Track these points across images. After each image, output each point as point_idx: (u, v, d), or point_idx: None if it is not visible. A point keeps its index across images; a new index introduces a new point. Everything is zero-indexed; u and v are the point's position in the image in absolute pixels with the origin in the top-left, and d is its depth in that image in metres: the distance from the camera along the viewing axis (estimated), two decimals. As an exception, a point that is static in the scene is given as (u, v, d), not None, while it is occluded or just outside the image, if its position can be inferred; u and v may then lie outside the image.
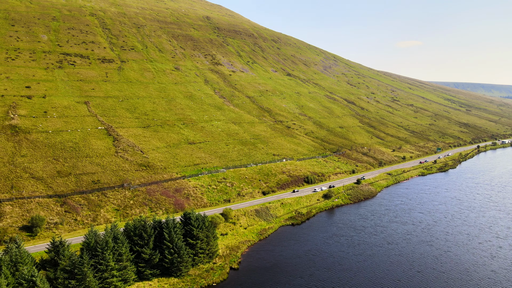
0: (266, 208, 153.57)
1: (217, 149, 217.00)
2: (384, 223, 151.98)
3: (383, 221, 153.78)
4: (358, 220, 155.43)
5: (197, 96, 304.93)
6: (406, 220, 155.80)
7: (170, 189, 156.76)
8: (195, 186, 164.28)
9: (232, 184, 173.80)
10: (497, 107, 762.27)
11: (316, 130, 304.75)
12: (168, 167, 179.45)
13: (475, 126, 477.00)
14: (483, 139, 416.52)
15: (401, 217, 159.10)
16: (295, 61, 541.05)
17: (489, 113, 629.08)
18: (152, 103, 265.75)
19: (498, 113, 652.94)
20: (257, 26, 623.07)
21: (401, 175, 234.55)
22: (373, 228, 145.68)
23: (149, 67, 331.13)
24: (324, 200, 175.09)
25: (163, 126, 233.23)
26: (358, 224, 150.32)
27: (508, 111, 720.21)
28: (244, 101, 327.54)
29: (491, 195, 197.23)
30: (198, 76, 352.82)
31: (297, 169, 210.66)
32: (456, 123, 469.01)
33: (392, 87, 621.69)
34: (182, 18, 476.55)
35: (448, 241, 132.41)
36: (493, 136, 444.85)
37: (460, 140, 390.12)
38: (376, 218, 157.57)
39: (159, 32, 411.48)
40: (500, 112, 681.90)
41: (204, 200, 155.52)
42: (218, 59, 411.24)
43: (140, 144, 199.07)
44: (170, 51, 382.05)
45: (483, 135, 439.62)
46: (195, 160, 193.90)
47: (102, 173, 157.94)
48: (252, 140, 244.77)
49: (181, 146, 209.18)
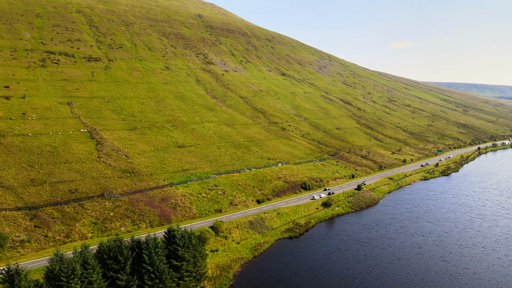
0: (261, 219, 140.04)
1: (208, 153, 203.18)
2: (391, 234, 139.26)
3: (390, 232, 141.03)
4: (362, 231, 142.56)
5: (188, 96, 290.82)
6: (415, 230, 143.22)
7: (156, 198, 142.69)
8: (184, 194, 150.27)
9: (224, 192, 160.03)
10: (493, 107, 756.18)
11: (313, 132, 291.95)
12: (155, 173, 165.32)
13: (473, 127, 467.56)
14: (483, 140, 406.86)
15: (408, 227, 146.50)
16: (290, 60, 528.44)
17: (486, 114, 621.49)
18: (140, 104, 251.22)
19: (494, 114, 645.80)
20: (251, 25, 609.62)
21: (403, 180, 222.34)
22: (379, 240, 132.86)
23: (138, 66, 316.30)
24: (324, 209, 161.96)
25: (151, 128, 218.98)
26: (363, 235, 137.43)
27: (504, 111, 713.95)
28: (237, 101, 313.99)
29: (501, 201, 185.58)
30: (189, 75, 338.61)
31: (294, 174, 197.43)
32: (455, 124, 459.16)
33: (388, 87, 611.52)
34: (173, 16, 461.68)
35: (464, 255, 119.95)
36: (492, 137, 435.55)
37: (460, 141, 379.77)
38: (382, 229, 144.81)
39: (149, 30, 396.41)
40: (497, 112, 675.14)
41: (193, 211, 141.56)
42: (210, 58, 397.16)
43: (126, 148, 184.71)
44: (161, 50, 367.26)
45: (482, 136, 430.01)
46: (184, 165, 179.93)
47: (81, 181, 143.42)
48: (246, 143, 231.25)
49: (169, 150, 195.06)
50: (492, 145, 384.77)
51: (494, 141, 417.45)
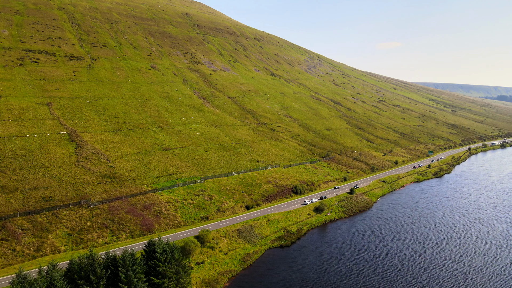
0: (250, 226, 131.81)
1: (195, 155, 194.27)
2: (387, 241, 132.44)
3: (386, 239, 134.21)
4: (356, 238, 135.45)
5: (174, 96, 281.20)
6: (411, 236, 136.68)
7: (138, 205, 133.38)
8: (168, 201, 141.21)
9: (211, 198, 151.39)
10: (480, 107, 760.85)
11: (303, 133, 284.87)
12: (138, 178, 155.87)
13: (463, 127, 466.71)
14: (472, 141, 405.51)
15: (405, 233, 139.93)
16: (279, 60, 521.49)
17: (474, 114, 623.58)
18: (124, 105, 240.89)
19: (482, 114, 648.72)
20: (239, 24, 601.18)
21: (396, 182, 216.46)
22: (375, 248, 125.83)
23: (122, 65, 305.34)
24: (316, 214, 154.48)
25: (135, 130, 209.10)
26: (358, 243, 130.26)
27: (491, 112, 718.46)
28: (226, 102, 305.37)
29: (497, 204, 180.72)
30: (176, 75, 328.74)
31: (284, 177, 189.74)
32: (444, 124, 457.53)
33: (378, 88, 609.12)
34: (159, 14, 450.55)
35: (465, 264, 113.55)
36: (482, 138, 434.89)
37: (450, 142, 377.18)
38: (377, 235, 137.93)
39: (134, 28, 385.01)
40: (484, 112, 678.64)
41: (178, 218, 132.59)
42: (198, 58, 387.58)
43: (107, 151, 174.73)
44: (146, 49, 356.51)
45: (472, 136, 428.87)
46: (170, 169, 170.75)
47: (56, 188, 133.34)
48: (234, 144, 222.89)
49: (154, 153, 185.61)
50: (482, 145, 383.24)
51: (484, 142, 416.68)
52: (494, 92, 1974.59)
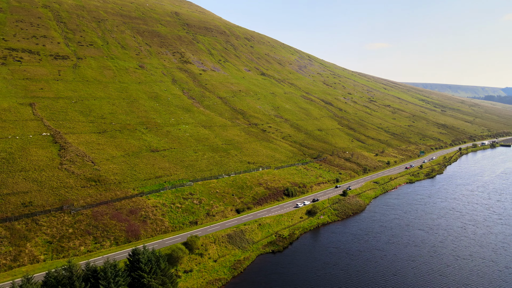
0: (241, 231, 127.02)
1: (184, 157, 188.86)
2: (382, 245, 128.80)
3: (381, 243, 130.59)
4: (350, 242, 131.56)
5: (163, 96, 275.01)
6: (406, 240, 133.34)
7: (124, 210, 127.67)
8: (155, 205, 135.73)
9: (200, 201, 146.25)
10: (469, 107, 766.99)
11: (294, 134, 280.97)
12: (124, 181, 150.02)
13: (453, 127, 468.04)
14: (463, 141, 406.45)
15: (399, 237, 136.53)
16: (269, 60, 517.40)
17: (463, 114, 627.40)
18: (111, 105, 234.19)
19: (471, 114, 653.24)
20: (229, 24, 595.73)
21: (389, 183, 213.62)
22: (370, 252, 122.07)
23: (109, 64, 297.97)
24: (308, 218, 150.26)
25: (122, 131, 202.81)
26: (352, 247, 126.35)
27: (480, 112, 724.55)
28: (216, 102, 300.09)
29: (490, 205, 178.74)
30: (165, 75, 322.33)
31: (276, 179, 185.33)
32: (434, 124, 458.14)
33: (368, 88, 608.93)
34: (148, 13, 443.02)
35: (462, 268, 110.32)
36: (472, 137, 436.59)
37: (441, 142, 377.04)
38: (372, 239, 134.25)
39: (122, 27, 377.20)
40: (473, 112, 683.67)
41: (165, 224, 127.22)
42: (187, 57, 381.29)
43: (92, 153, 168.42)
44: (134, 48, 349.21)
45: (462, 136, 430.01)
46: (157, 172, 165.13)
47: (37, 192, 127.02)
48: (224, 146, 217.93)
49: (141, 155, 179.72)
50: (472, 145, 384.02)
51: (474, 141, 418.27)
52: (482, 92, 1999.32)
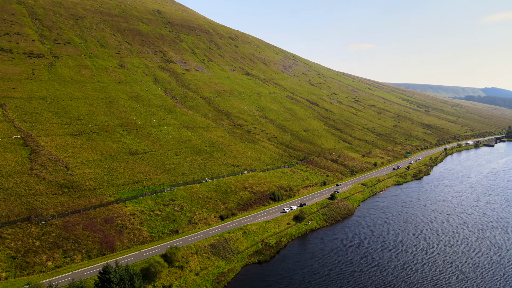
0: (225, 240, 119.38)
1: (165, 160, 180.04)
2: (374, 251, 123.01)
3: (372, 249, 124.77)
4: (341, 249, 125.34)
5: (144, 97, 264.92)
6: (398, 246, 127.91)
7: (98, 219, 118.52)
8: (133, 213, 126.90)
9: (181, 208, 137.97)
10: (451, 107, 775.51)
11: (280, 135, 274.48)
12: (100, 187, 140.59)
13: (437, 127, 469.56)
14: (447, 141, 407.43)
15: (391, 242, 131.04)
16: (254, 59, 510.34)
17: (446, 114, 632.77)
18: (88, 106, 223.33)
19: (454, 114, 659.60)
20: (213, 23, 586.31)
21: (377, 186, 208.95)
22: (362, 260, 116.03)
23: (88, 63, 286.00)
24: (296, 224, 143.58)
25: (100, 133, 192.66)
26: (343, 255, 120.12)
27: (462, 112, 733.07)
28: (199, 102, 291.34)
29: (480, 207, 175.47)
30: (146, 74, 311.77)
31: (261, 183, 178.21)
32: (419, 124, 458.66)
33: (353, 88, 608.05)
34: (129, 11, 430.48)
35: (458, 277, 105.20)
36: (456, 137, 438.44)
37: (426, 142, 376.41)
38: (362, 245, 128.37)
39: (101, 25, 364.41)
40: (456, 112, 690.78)
41: (144, 233, 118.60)
42: (170, 56, 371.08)
43: (67, 157, 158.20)
44: (115, 47, 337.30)
45: (446, 136, 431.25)
46: (137, 177, 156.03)
47: (2, 201, 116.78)
48: (208, 148, 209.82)
49: (120, 158, 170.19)
50: (457, 145, 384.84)
51: (458, 141, 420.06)
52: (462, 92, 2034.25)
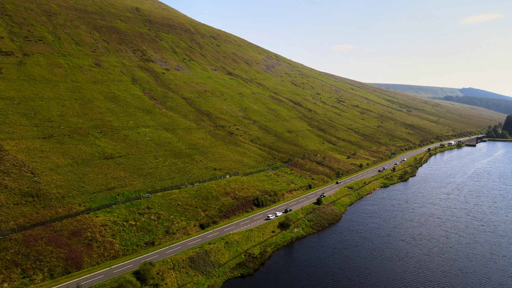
0: (205, 252, 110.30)
1: (142, 164, 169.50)
2: (365, 260, 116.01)
3: (363, 258, 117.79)
4: (329, 258, 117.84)
5: (121, 97, 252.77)
6: (390, 253, 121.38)
7: (65, 232, 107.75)
8: (105, 223, 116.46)
9: (158, 217, 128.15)
10: (432, 107, 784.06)
11: (263, 136, 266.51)
12: (69, 195, 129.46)
13: (419, 127, 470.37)
14: (430, 141, 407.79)
15: (382, 250, 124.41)
16: (236, 59, 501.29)
17: (428, 114, 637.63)
18: (60, 106, 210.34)
19: (435, 114, 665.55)
20: (194, 22, 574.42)
21: (363, 188, 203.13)
22: (353, 270, 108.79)
23: (61, 62, 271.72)
24: (281, 231, 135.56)
25: (72, 136, 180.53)
26: (332, 265, 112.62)
27: (442, 112, 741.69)
28: (179, 103, 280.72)
29: (469, 210, 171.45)
30: (124, 74, 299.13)
31: (244, 187, 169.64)
32: (402, 125, 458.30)
33: (336, 88, 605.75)
34: (106, 8, 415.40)
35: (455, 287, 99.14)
36: (438, 137, 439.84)
37: (410, 142, 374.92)
38: (352, 253, 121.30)
39: (76, 22, 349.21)
40: (436, 112, 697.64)
41: (116, 247, 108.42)
42: (149, 55, 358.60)
43: (33, 162, 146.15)
44: (90, 45, 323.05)
45: (429, 136, 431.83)
46: (110, 183, 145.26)
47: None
48: (188, 150, 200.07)
49: (93, 163, 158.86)
50: (440, 145, 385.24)
51: (441, 141, 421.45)
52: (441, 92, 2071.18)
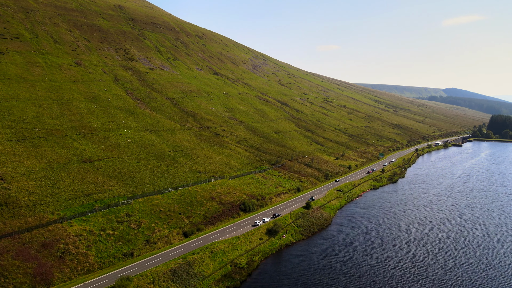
0: (188, 263, 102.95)
1: (123, 168, 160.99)
2: (358, 268, 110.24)
3: (356, 265, 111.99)
4: (320, 267, 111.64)
5: (102, 97, 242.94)
6: (383, 260, 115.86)
7: (34, 244, 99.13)
8: (79, 233, 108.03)
9: (139, 225, 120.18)
10: (418, 107, 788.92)
11: (250, 137, 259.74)
12: (41, 202, 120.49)
13: (406, 128, 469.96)
14: (417, 141, 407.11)
15: (375, 256, 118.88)
16: (223, 59, 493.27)
17: (414, 114, 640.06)
18: (37, 107, 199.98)
19: (421, 114, 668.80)
20: (179, 20, 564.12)
21: (353, 191, 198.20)
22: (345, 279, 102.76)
23: (39, 61, 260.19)
24: (269, 238, 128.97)
25: (48, 138, 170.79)
26: (323, 274, 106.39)
27: (428, 112, 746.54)
28: (164, 103, 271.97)
29: (461, 212, 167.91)
30: (106, 73, 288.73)
31: (230, 191, 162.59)
32: (389, 125, 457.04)
33: (323, 88, 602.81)
34: (87, 5, 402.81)
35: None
36: (425, 137, 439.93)
37: (397, 143, 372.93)
38: (344, 261, 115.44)
39: (56, 19, 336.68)
40: (422, 112, 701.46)
41: (90, 259, 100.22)
42: (132, 54, 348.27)
43: (4, 166, 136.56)
44: (70, 43, 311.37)
45: (416, 136, 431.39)
46: (88, 188, 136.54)
47: None
48: (172, 153, 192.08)
49: (69, 167, 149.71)
50: (427, 145, 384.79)
51: (428, 142, 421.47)
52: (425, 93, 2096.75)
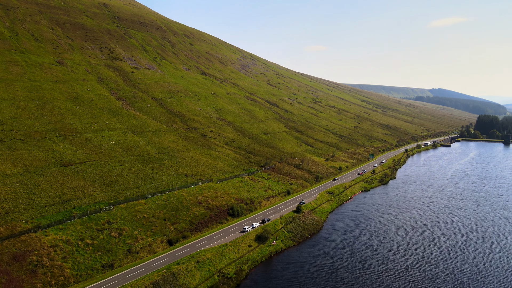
0: (173, 275, 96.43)
1: (106, 172, 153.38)
2: (352, 276, 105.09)
3: (350, 273, 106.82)
4: (313, 275, 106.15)
5: (85, 97, 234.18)
6: (377, 267, 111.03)
7: (4, 256, 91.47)
8: (55, 244, 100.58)
9: (120, 233, 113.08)
10: (406, 107, 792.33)
11: (238, 138, 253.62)
12: (15, 210, 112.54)
13: (395, 128, 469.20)
14: (406, 141, 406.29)
15: (369, 263, 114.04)
16: (210, 58, 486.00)
17: (402, 114, 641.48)
18: (15, 108, 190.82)
19: (409, 114, 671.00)
20: (166, 19, 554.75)
21: (344, 193, 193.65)
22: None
23: (18, 59, 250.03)
24: (259, 245, 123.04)
25: (26, 141, 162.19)
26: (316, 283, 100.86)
27: (416, 112, 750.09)
28: (150, 104, 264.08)
29: (454, 215, 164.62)
30: (89, 72, 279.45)
31: (218, 195, 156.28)
32: (379, 125, 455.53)
33: (312, 88, 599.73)
34: (71, 3, 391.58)
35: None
36: (414, 138, 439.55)
37: (387, 143, 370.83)
38: (337, 268, 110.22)
39: (37, 17, 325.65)
40: (410, 112, 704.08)
41: (66, 272, 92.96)
42: (117, 53, 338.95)
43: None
44: (52, 41, 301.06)
45: (405, 137, 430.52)
46: (66, 194, 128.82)
47: None
48: (158, 155, 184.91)
49: (48, 171, 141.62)
50: (417, 146, 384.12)
51: (417, 142, 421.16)
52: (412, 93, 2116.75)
